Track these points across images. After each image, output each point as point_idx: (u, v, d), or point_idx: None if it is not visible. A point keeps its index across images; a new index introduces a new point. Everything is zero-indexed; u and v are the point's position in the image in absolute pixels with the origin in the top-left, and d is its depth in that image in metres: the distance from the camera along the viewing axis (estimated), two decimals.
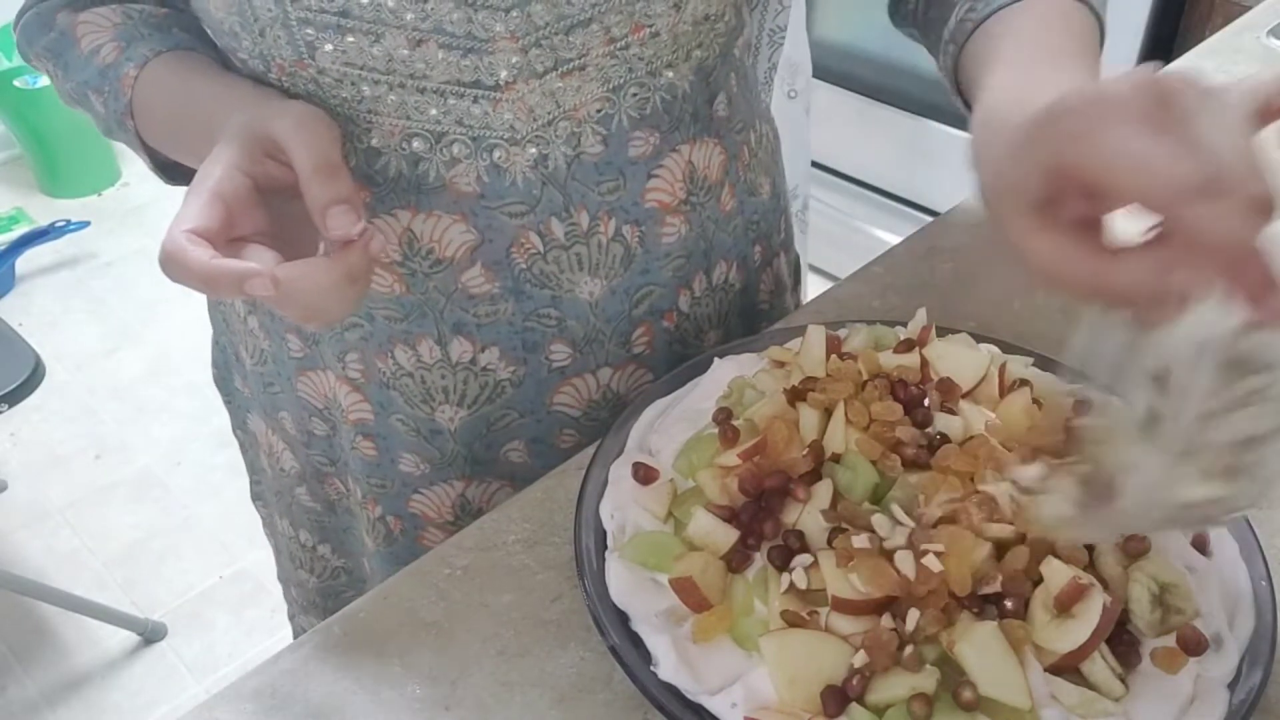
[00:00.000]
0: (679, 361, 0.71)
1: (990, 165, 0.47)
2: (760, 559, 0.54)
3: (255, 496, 0.93)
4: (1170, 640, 0.51)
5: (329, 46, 0.56)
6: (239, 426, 0.88)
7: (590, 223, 0.65)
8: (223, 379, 0.87)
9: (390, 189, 0.63)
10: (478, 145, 0.61)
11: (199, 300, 0.82)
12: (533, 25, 0.57)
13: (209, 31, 0.64)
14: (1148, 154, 0.38)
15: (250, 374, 0.79)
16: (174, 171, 0.69)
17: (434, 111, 0.59)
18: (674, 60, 0.64)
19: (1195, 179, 0.37)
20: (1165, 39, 1.80)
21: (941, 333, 0.66)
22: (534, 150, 0.62)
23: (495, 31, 0.57)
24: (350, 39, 0.56)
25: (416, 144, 0.61)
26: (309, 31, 0.56)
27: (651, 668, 0.51)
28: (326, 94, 0.59)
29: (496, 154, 0.61)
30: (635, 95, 0.63)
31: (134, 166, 2.95)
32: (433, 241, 0.64)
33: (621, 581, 0.54)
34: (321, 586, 0.90)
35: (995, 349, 0.66)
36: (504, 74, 0.58)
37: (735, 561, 0.54)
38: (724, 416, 0.61)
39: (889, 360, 0.63)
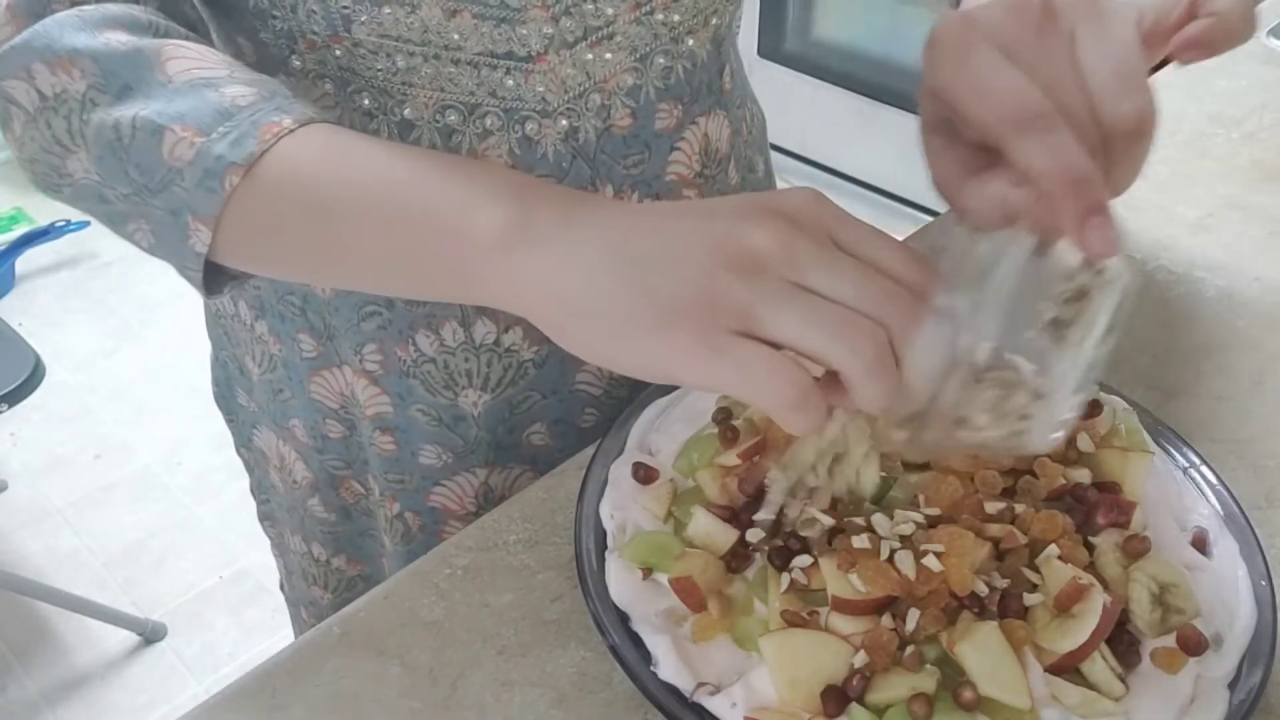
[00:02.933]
0: None
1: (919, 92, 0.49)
2: (760, 559, 0.54)
3: (264, 517, 0.92)
4: (1170, 640, 0.51)
5: (364, 18, 0.56)
6: (243, 445, 0.87)
7: (614, 194, 0.66)
8: (224, 397, 0.85)
9: None
10: (510, 117, 0.61)
11: (199, 301, 0.82)
12: None
13: (220, 13, 0.60)
14: (989, 85, 0.41)
15: (258, 384, 0.78)
16: (217, 279, 0.51)
17: (468, 83, 0.60)
18: (694, 26, 0.65)
19: (1027, 112, 0.39)
20: None
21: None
22: (565, 123, 0.63)
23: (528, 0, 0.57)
24: (387, 9, 0.56)
25: (450, 116, 0.61)
26: (345, 4, 0.56)
27: (651, 668, 0.51)
28: (360, 67, 0.58)
29: (529, 126, 0.62)
30: (661, 64, 0.65)
31: None
32: None
33: (621, 581, 0.54)
34: (336, 601, 0.89)
35: None
36: (536, 44, 0.59)
37: (735, 561, 0.54)
38: (724, 416, 0.61)
39: None
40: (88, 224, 2.63)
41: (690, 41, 0.66)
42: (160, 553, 1.94)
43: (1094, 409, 0.60)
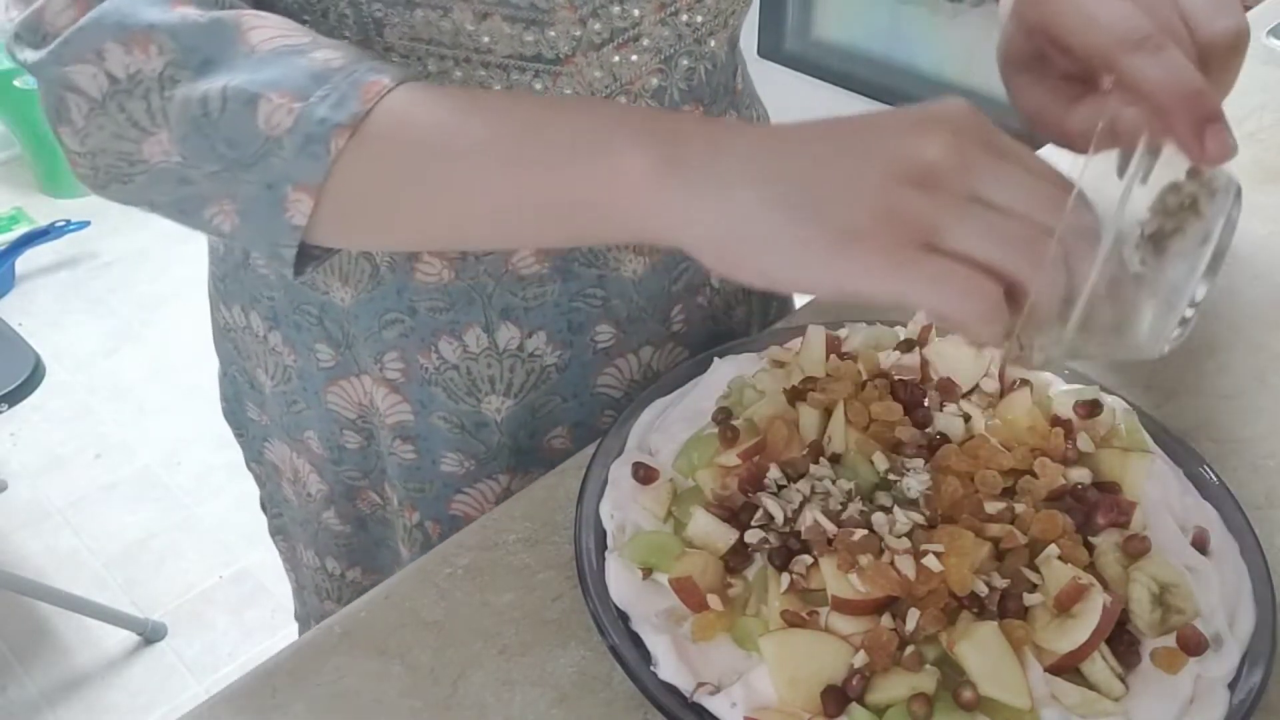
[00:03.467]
0: (713, 338, 0.73)
1: (1001, 32, 0.51)
2: (760, 559, 0.54)
3: (275, 531, 0.91)
4: (1170, 640, 0.51)
5: (396, 21, 0.56)
6: (254, 460, 0.86)
7: None
8: (233, 412, 0.84)
9: None
10: None
11: (199, 300, 0.82)
12: None
13: None
14: (1097, 13, 0.44)
15: (270, 397, 0.78)
16: (307, 258, 0.49)
17: (497, 86, 0.60)
18: (715, 27, 0.66)
19: (1136, 34, 0.42)
20: None
21: (942, 332, 0.66)
22: None
23: (556, 2, 0.57)
24: (419, 13, 0.56)
25: None
26: (377, 7, 0.55)
27: (651, 668, 0.51)
28: None
29: None
30: (685, 66, 0.65)
31: None
32: None
33: (621, 581, 0.54)
34: None
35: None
36: (564, 46, 0.59)
37: (735, 561, 0.54)
38: (724, 416, 0.61)
39: (888, 360, 0.63)
40: (88, 224, 2.64)
41: (712, 43, 0.66)
42: (160, 553, 1.94)
43: (1094, 409, 0.60)
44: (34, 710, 1.69)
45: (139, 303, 2.53)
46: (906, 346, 0.64)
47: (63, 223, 2.60)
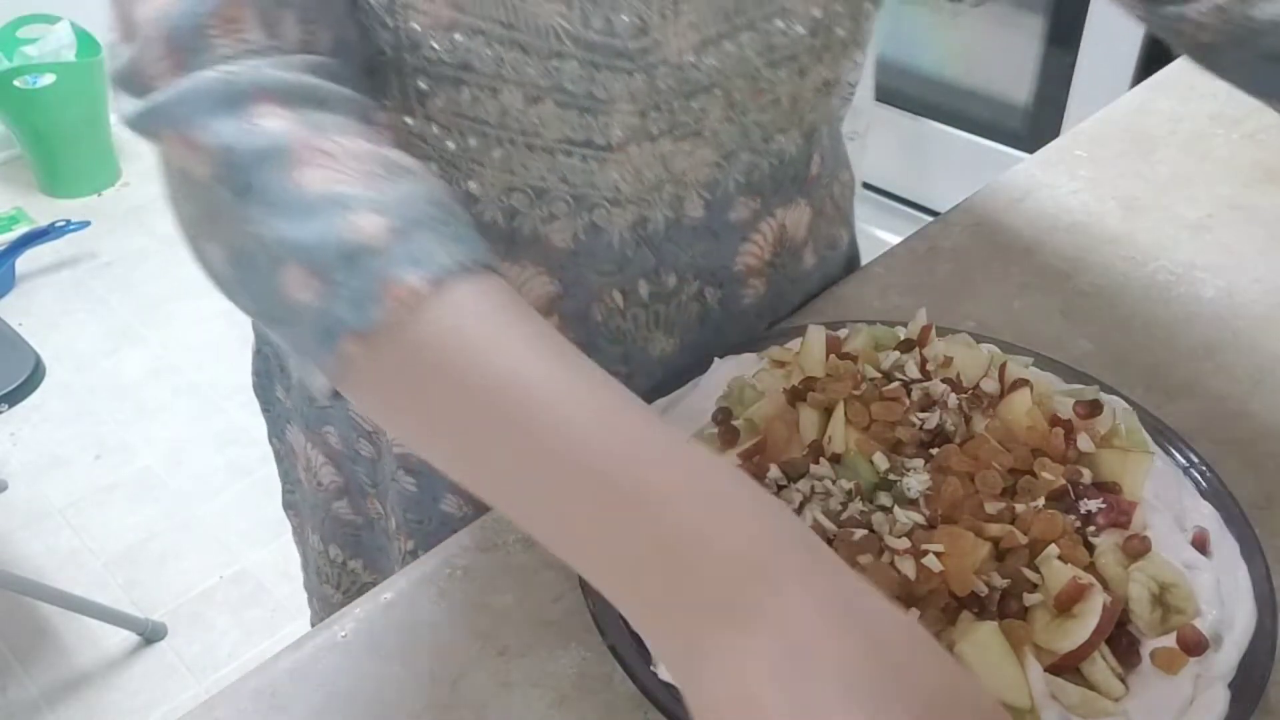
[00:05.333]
0: None
1: None
2: None
3: (287, 505, 0.91)
4: (1170, 640, 0.51)
5: (441, 96, 0.54)
6: (275, 436, 0.86)
7: (676, 283, 0.65)
8: (262, 386, 0.84)
9: (481, 233, 0.59)
10: (579, 204, 0.59)
11: (199, 300, 0.82)
12: (655, 89, 0.55)
13: None
14: None
15: (296, 386, 0.77)
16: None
17: (539, 168, 0.57)
18: (786, 125, 0.63)
19: None
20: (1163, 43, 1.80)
21: (941, 333, 0.66)
22: (635, 211, 0.61)
23: (615, 92, 0.54)
24: (466, 92, 0.53)
25: (516, 197, 0.59)
26: (422, 80, 0.53)
27: (651, 668, 0.51)
28: (430, 138, 0.56)
29: (597, 213, 0.60)
30: (745, 160, 0.63)
31: (134, 166, 2.96)
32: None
33: None
34: (346, 601, 0.89)
35: (995, 349, 0.66)
36: (618, 134, 0.56)
37: None
38: (724, 416, 0.61)
39: (888, 360, 0.63)
40: (88, 224, 2.64)
41: (780, 139, 0.63)
42: (160, 553, 1.94)
43: (1094, 409, 0.60)
44: (34, 710, 1.69)
45: (139, 303, 2.53)
46: (906, 346, 0.64)
47: (63, 223, 2.60)
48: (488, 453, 0.39)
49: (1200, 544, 0.56)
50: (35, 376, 1.60)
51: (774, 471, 0.56)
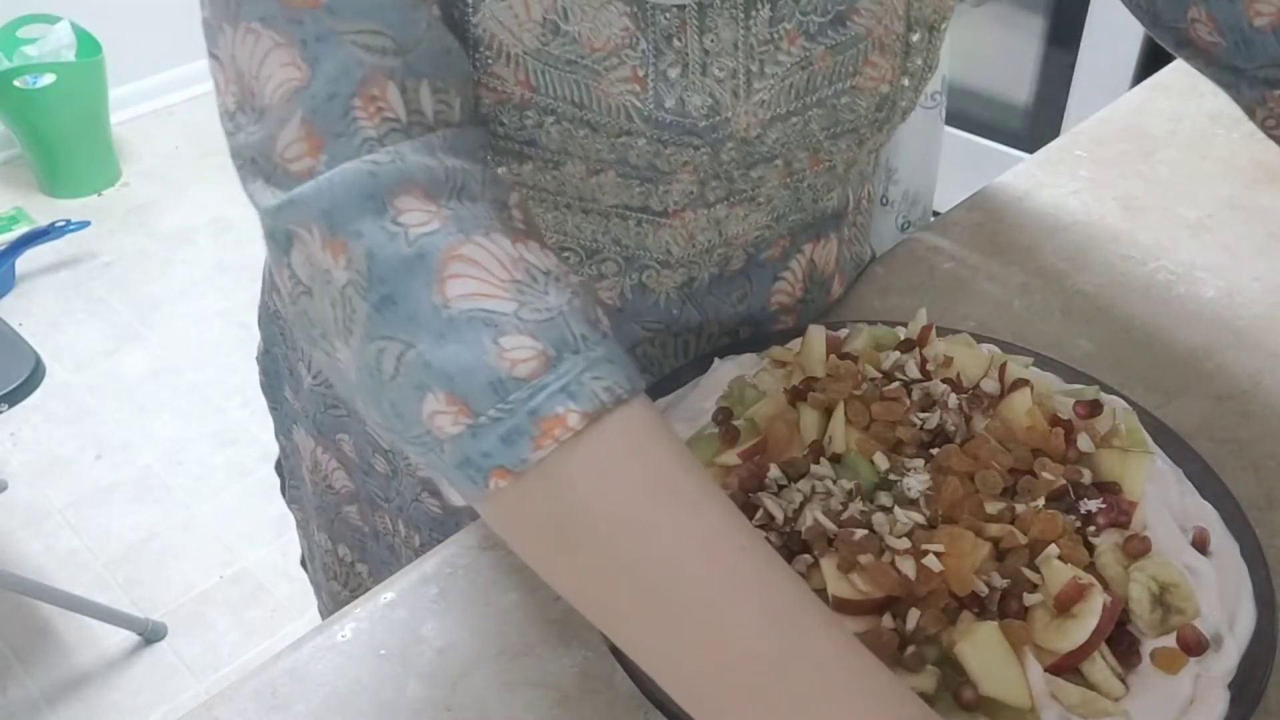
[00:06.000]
0: None
1: None
2: None
3: (292, 500, 0.91)
4: (1170, 640, 0.51)
5: (503, 169, 0.53)
6: (283, 434, 0.86)
7: (719, 333, 0.66)
8: (270, 386, 0.84)
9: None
10: (629, 265, 0.60)
11: (199, 300, 0.82)
12: (718, 161, 0.56)
13: None
14: None
15: (308, 393, 0.77)
16: None
17: (592, 230, 0.58)
18: (836, 185, 0.64)
19: None
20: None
21: (941, 333, 0.66)
22: (684, 273, 0.62)
23: (678, 163, 0.55)
24: (529, 166, 0.53)
25: (567, 257, 0.59)
26: (485, 154, 0.51)
27: None
28: None
29: (646, 274, 0.61)
30: (793, 219, 0.64)
31: (134, 166, 2.96)
32: None
33: None
34: (352, 598, 0.89)
35: (995, 349, 0.66)
36: (675, 201, 0.57)
37: None
38: (724, 416, 0.61)
39: (888, 360, 0.63)
40: (88, 224, 2.64)
41: (827, 197, 0.65)
42: (160, 553, 1.94)
43: (1094, 409, 0.60)
44: (34, 710, 1.69)
45: (139, 303, 2.53)
46: (906, 346, 0.64)
47: (63, 223, 2.60)
48: (627, 615, 0.39)
49: (1200, 544, 0.56)
50: (35, 376, 1.60)
51: (774, 471, 0.56)
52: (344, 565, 0.86)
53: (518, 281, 0.41)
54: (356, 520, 0.81)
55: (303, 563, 0.96)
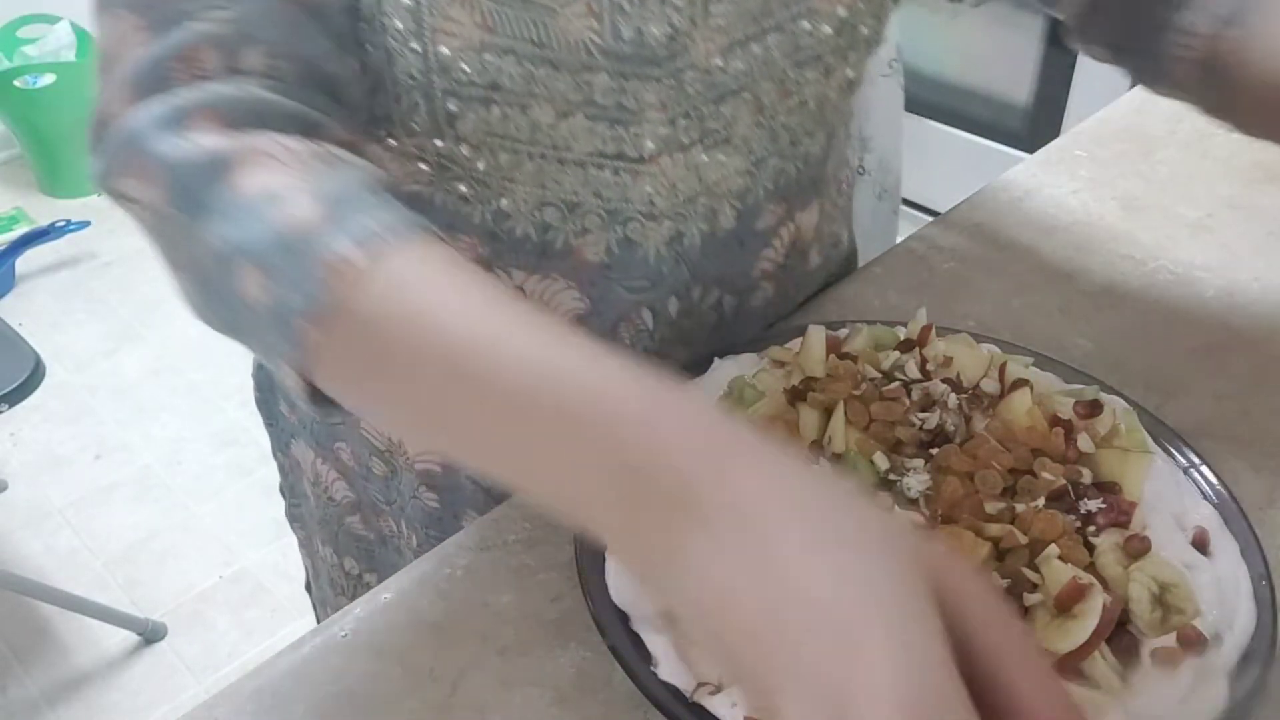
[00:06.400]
0: None
1: None
2: None
3: (293, 519, 0.91)
4: (1171, 640, 0.51)
5: (470, 116, 0.53)
6: (280, 450, 0.86)
7: (701, 294, 0.65)
8: (265, 402, 0.84)
9: (512, 248, 0.60)
10: (613, 218, 0.59)
11: None
12: (684, 94, 0.55)
13: None
14: None
15: None
16: (327, 406, 0.45)
17: (571, 182, 0.57)
18: (813, 128, 0.63)
19: None
20: None
21: (941, 333, 0.66)
22: (671, 226, 0.61)
23: (645, 101, 0.55)
24: (496, 110, 0.53)
25: (549, 213, 0.59)
26: (451, 104, 0.53)
27: (651, 667, 0.51)
28: (460, 158, 0.56)
29: (630, 227, 0.60)
30: (774, 166, 0.63)
31: None
32: (540, 303, 0.62)
33: (621, 581, 0.54)
34: None
35: (995, 349, 0.66)
36: (649, 145, 0.57)
37: None
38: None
39: (888, 360, 0.63)
40: (88, 224, 2.64)
41: (806, 141, 0.64)
42: (160, 553, 1.94)
43: (1094, 409, 0.60)
44: (34, 710, 1.69)
45: (139, 303, 2.53)
46: (906, 346, 0.64)
47: (63, 223, 2.60)
48: (450, 410, 0.40)
49: (1200, 544, 0.56)
50: (35, 376, 1.60)
51: None
52: (351, 578, 0.86)
53: (310, 165, 0.44)
54: (360, 529, 0.81)
55: (307, 586, 0.96)
